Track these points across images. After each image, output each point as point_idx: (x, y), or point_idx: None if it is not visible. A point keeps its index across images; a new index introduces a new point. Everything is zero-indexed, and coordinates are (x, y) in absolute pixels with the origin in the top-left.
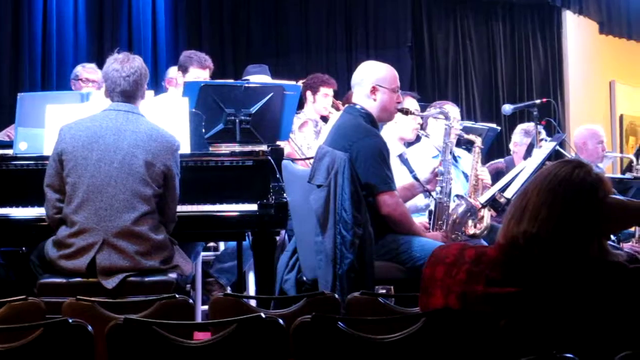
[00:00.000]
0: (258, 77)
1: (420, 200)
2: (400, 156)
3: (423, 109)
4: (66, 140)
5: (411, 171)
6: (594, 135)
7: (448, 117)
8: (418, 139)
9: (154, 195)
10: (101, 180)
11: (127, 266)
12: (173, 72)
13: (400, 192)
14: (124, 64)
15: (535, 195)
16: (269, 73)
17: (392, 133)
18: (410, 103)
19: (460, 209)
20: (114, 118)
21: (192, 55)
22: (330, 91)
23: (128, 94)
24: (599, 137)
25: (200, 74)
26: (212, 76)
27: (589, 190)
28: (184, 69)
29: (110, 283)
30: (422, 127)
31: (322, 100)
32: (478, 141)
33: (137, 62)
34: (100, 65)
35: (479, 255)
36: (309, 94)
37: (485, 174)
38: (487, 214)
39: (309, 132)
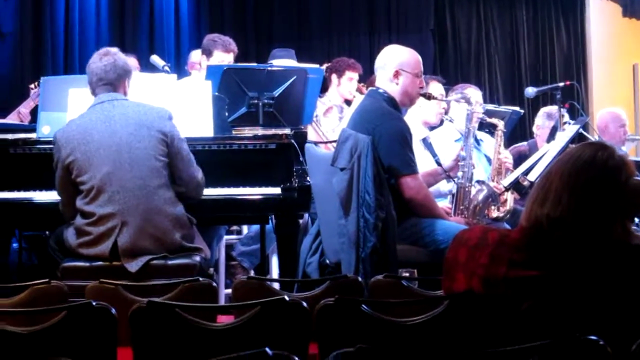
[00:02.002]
0: (284, 62)
1: (443, 185)
2: (424, 140)
3: (446, 92)
4: (63, 145)
5: (434, 155)
6: (616, 118)
7: (470, 102)
8: (441, 122)
9: (162, 167)
10: (106, 167)
11: (148, 245)
12: (195, 55)
13: (423, 177)
14: (103, 57)
15: (558, 177)
16: (295, 57)
17: (417, 117)
18: (436, 87)
19: (481, 195)
20: (100, 110)
21: (217, 38)
22: (355, 75)
23: (106, 81)
24: (621, 121)
25: (224, 58)
26: (235, 60)
27: (611, 172)
28: (208, 53)
29: (134, 266)
30: (445, 111)
31: (347, 84)
32: (500, 124)
33: (117, 56)
34: (123, 50)
35: (501, 238)
36: (334, 77)
37: (508, 157)
38: (510, 197)
39: (334, 118)
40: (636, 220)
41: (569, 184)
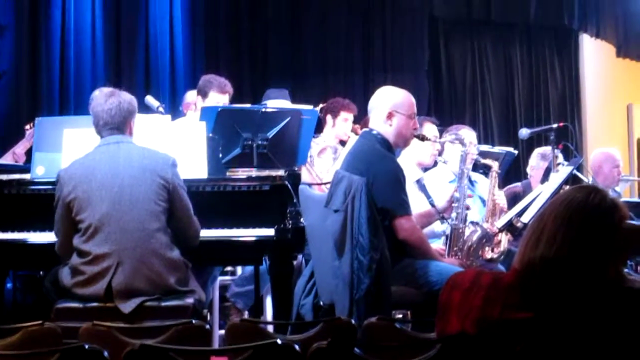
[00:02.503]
0: (278, 102)
1: (437, 225)
2: (418, 182)
3: (440, 133)
4: (65, 182)
5: (428, 197)
6: (609, 158)
7: (464, 143)
8: (435, 163)
9: (161, 211)
10: (106, 207)
11: (142, 286)
12: (191, 96)
13: (417, 219)
14: (108, 98)
15: (551, 220)
16: (289, 98)
17: (411, 158)
18: (429, 128)
19: (475, 236)
20: (105, 151)
21: (212, 79)
22: (350, 116)
23: (113, 126)
24: (615, 161)
25: (219, 99)
26: (230, 101)
27: (604, 215)
28: (203, 94)
29: (127, 307)
30: (439, 152)
31: (341, 125)
32: (495, 165)
33: (122, 97)
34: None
35: (495, 281)
36: (329, 117)
37: (501, 198)
38: (504, 238)
39: (328, 159)
40: (629, 262)
41: (562, 227)
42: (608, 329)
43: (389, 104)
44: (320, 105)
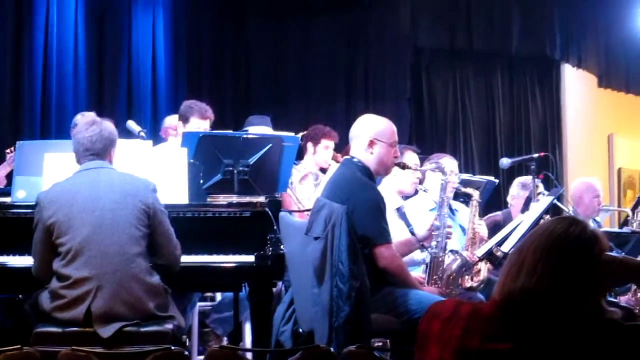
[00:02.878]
0: (260, 129)
1: (417, 254)
2: (399, 210)
3: (421, 161)
4: (46, 206)
5: (409, 225)
6: (590, 188)
7: (445, 172)
8: (416, 192)
9: (142, 237)
10: (87, 231)
11: (122, 311)
12: (169, 121)
13: (397, 247)
14: (90, 126)
15: (532, 252)
16: (271, 124)
17: (391, 187)
18: (411, 157)
19: (455, 265)
20: (86, 175)
21: (194, 105)
22: (331, 144)
23: (93, 152)
24: (596, 191)
25: (201, 125)
26: (212, 126)
27: (584, 247)
28: (184, 119)
29: (106, 332)
30: (421, 181)
31: (322, 153)
32: (476, 195)
33: (104, 126)
34: (100, 114)
35: (474, 311)
36: (310, 145)
37: (482, 228)
38: (484, 268)
39: (309, 186)
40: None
41: (542, 259)
42: None
43: (371, 132)
44: (302, 133)
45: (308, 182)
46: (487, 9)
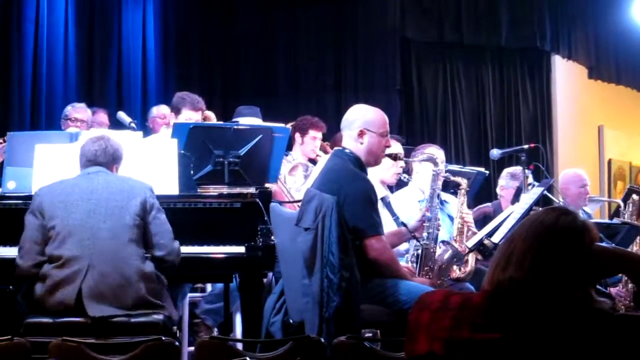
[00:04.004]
0: (249, 119)
1: (402, 244)
2: (383, 200)
3: (407, 153)
4: (43, 197)
5: (393, 215)
6: (576, 179)
7: (436, 162)
8: (405, 183)
9: (136, 225)
10: (81, 215)
11: (113, 291)
12: (156, 111)
13: (388, 238)
14: (97, 141)
15: (521, 242)
16: (260, 115)
17: (374, 177)
18: (395, 147)
19: (446, 255)
20: (85, 176)
21: (185, 96)
22: (318, 134)
23: (95, 163)
24: (582, 181)
25: (192, 116)
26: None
27: (574, 237)
28: (176, 110)
29: (96, 311)
30: (408, 171)
31: (310, 143)
32: (464, 183)
33: (109, 142)
34: (90, 105)
35: (464, 302)
36: (297, 136)
37: (470, 217)
38: (472, 258)
39: (299, 176)
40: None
41: (532, 248)
42: (576, 351)
43: (361, 122)
44: (290, 124)
45: (298, 173)
46: (476, 0)
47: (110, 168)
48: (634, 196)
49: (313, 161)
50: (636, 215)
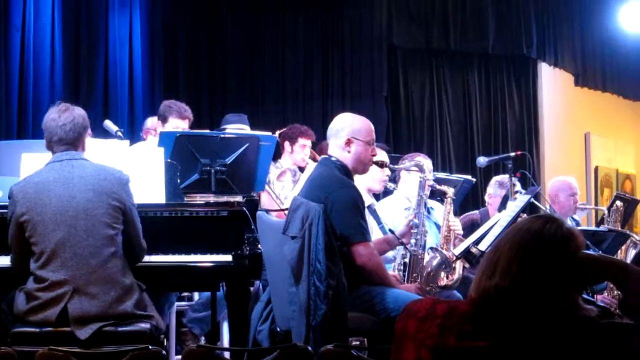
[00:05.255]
0: (237, 127)
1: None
2: (369, 207)
3: (394, 161)
4: (19, 201)
5: (379, 223)
6: (566, 187)
7: (423, 170)
8: (391, 191)
9: (116, 234)
10: (62, 232)
11: (99, 312)
12: (151, 122)
13: (377, 244)
14: (62, 113)
15: (507, 249)
16: (248, 122)
17: (361, 184)
18: (380, 155)
19: (435, 262)
20: (59, 169)
21: (172, 105)
22: (308, 142)
23: (66, 142)
24: (572, 189)
25: (179, 124)
26: (190, 126)
27: (560, 244)
28: (163, 119)
29: (83, 334)
30: (395, 179)
31: (299, 151)
32: (450, 192)
33: (75, 112)
34: None
35: (450, 309)
36: (286, 144)
37: (457, 225)
38: (459, 265)
39: (287, 182)
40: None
41: (518, 256)
42: (563, 358)
43: (348, 130)
44: (278, 132)
45: (286, 179)
46: (463, 7)
47: (81, 140)
48: (618, 203)
49: (302, 169)
50: (619, 222)
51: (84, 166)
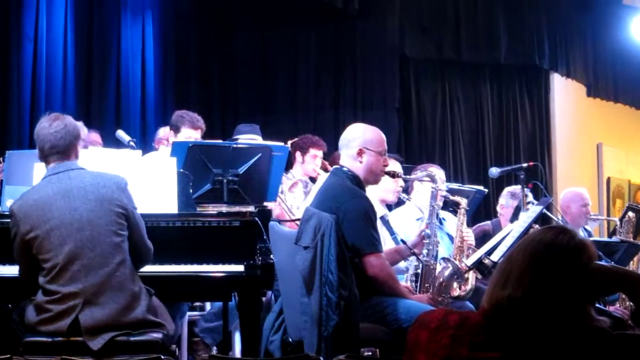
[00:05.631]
0: (248, 137)
1: (401, 262)
2: (382, 218)
3: (407, 171)
4: (21, 219)
5: (392, 233)
6: (578, 198)
7: (435, 180)
8: (401, 201)
9: (122, 241)
10: (68, 247)
11: (110, 321)
12: (163, 132)
13: (388, 255)
14: (53, 121)
15: (520, 260)
16: (260, 132)
17: (374, 195)
18: (393, 166)
19: (447, 272)
20: (56, 182)
21: (185, 115)
22: (319, 153)
23: (60, 151)
24: (584, 200)
25: (191, 134)
26: (202, 137)
27: (572, 256)
28: (175, 129)
29: (96, 344)
30: (407, 190)
31: (310, 161)
32: (463, 202)
33: (67, 120)
34: (89, 124)
35: (462, 320)
36: (298, 154)
37: (469, 235)
38: (472, 276)
39: (299, 193)
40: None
41: (530, 267)
42: None
43: (360, 141)
44: (290, 141)
45: (297, 190)
46: (475, 18)
47: (74, 149)
48: (630, 214)
49: (313, 179)
50: (631, 233)
51: (82, 175)
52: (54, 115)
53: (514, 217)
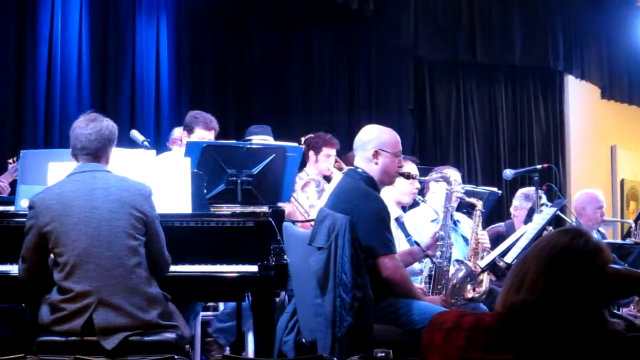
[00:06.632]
0: (260, 138)
1: (415, 263)
2: (397, 220)
3: (424, 173)
4: (41, 212)
5: (407, 235)
6: (593, 200)
7: (449, 182)
8: (416, 203)
9: (139, 245)
10: (85, 244)
11: (125, 323)
12: (177, 132)
13: (401, 256)
14: (90, 123)
15: (534, 264)
16: (272, 133)
17: (389, 197)
18: (410, 168)
19: (460, 274)
20: (81, 180)
21: (198, 115)
22: (332, 151)
23: (90, 152)
24: (598, 202)
25: (205, 135)
26: (215, 137)
27: (587, 259)
28: (189, 129)
29: (110, 344)
30: (423, 191)
31: (324, 160)
32: (479, 205)
33: (104, 123)
34: None
35: (477, 322)
36: (311, 153)
37: (485, 238)
38: (486, 278)
39: (312, 192)
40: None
41: (545, 271)
42: None
43: (375, 142)
44: (303, 138)
45: (310, 189)
46: (490, 20)
47: (105, 153)
48: None
49: (327, 178)
50: None
51: (107, 178)
52: (93, 115)
53: (528, 218)
